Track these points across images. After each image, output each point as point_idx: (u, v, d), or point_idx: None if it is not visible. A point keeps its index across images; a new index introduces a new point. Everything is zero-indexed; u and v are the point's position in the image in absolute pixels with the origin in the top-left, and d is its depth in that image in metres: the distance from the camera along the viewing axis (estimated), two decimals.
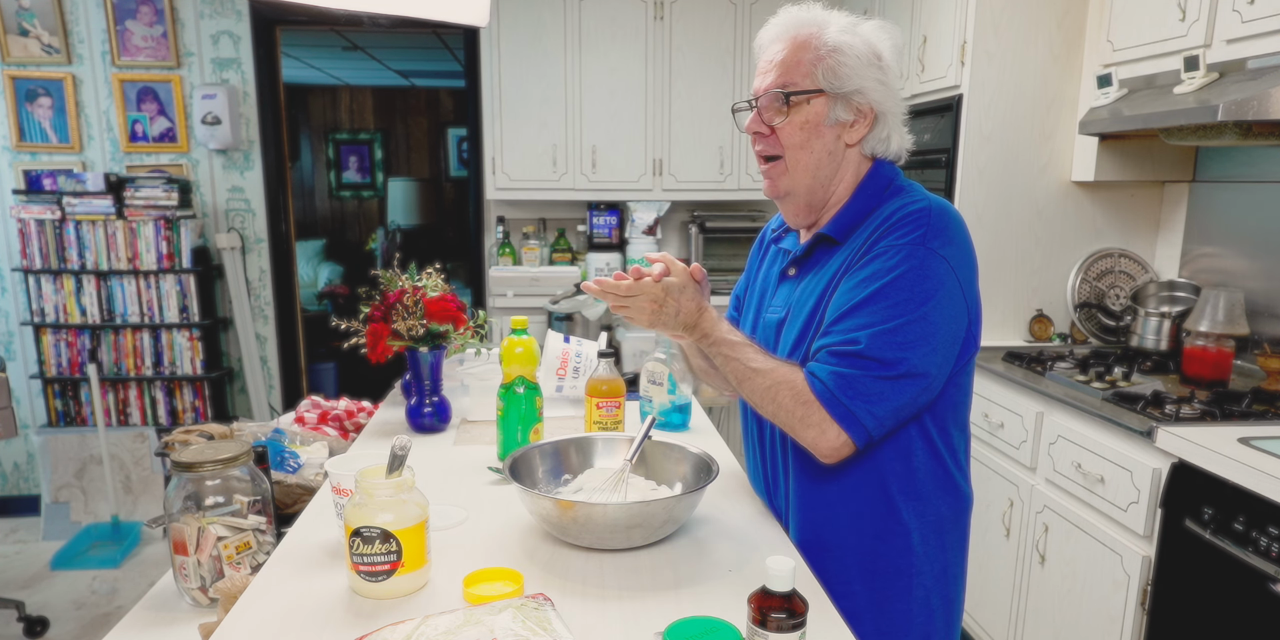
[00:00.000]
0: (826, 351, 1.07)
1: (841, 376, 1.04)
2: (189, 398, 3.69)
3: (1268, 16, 1.79)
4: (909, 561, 1.16)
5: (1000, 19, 2.51)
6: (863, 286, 1.07)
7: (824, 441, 1.06)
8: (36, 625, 2.76)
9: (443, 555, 1.07)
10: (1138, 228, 2.65)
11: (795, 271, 1.23)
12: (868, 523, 1.15)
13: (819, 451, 1.07)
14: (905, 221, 1.09)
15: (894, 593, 1.16)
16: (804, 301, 1.17)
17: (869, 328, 1.05)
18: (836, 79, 1.12)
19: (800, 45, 1.13)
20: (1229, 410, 1.80)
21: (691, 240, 3.89)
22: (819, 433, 1.06)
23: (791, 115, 1.14)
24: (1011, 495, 2.26)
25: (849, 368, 1.05)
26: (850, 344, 1.05)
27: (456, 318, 1.64)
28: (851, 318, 1.07)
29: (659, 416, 1.66)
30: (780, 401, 1.07)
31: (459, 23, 1.64)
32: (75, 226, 3.45)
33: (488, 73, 3.55)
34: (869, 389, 1.04)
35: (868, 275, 1.07)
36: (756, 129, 1.18)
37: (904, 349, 1.04)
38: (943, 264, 1.06)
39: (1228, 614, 1.54)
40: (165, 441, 1.58)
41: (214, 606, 1.22)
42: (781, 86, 1.13)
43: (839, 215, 1.18)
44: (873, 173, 1.19)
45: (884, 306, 1.05)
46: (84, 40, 3.59)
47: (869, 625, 1.15)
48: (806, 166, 1.16)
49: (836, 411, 1.05)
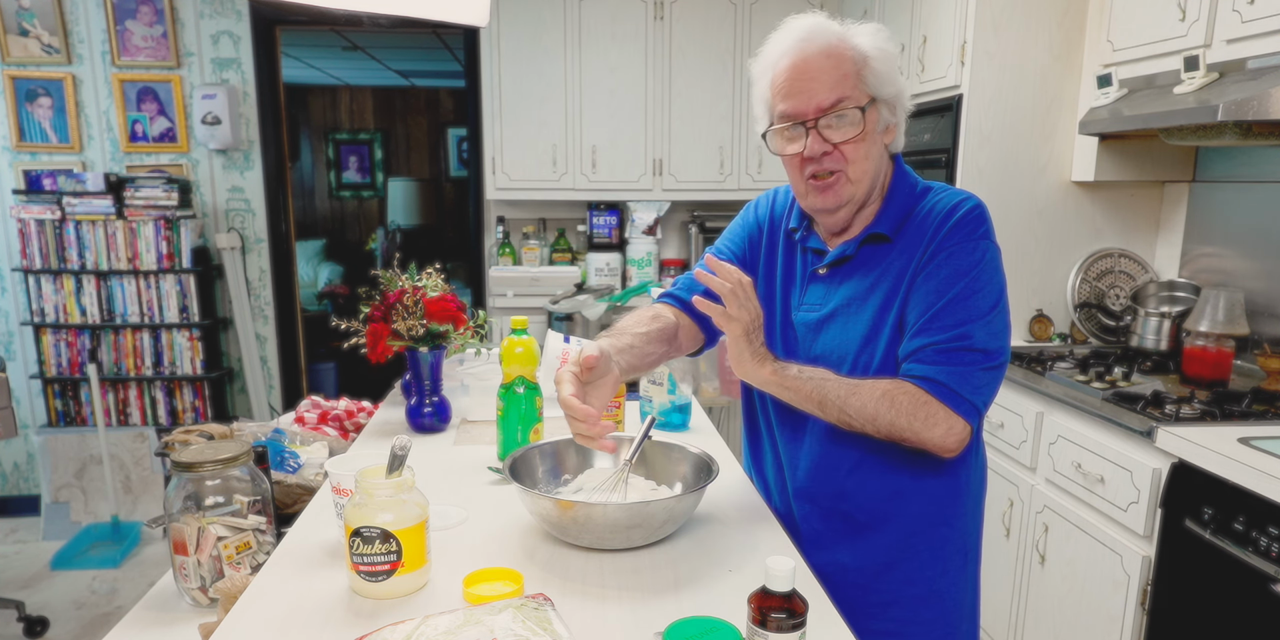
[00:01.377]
0: (933, 350, 1.09)
1: (957, 374, 1.08)
2: (189, 398, 3.69)
3: (1268, 16, 1.79)
4: (951, 519, 1.23)
5: (1000, 19, 2.51)
6: (951, 283, 1.10)
7: (952, 436, 1.09)
8: (36, 625, 2.76)
9: (443, 555, 1.07)
10: (1138, 228, 2.65)
11: (827, 271, 1.22)
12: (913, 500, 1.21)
13: (947, 447, 1.10)
14: (969, 220, 1.13)
15: (942, 549, 1.22)
16: (861, 297, 1.17)
17: (970, 322, 1.09)
18: (881, 85, 1.14)
19: (838, 57, 1.12)
20: (1229, 410, 1.80)
21: (691, 240, 3.89)
22: (947, 429, 1.08)
23: (858, 130, 1.13)
24: (1011, 495, 2.26)
25: (962, 363, 1.08)
26: (960, 339, 1.08)
27: (456, 318, 1.64)
28: (950, 314, 1.09)
29: (659, 416, 1.66)
30: (899, 407, 1.08)
31: (459, 23, 1.64)
32: (75, 226, 3.45)
33: (488, 72, 3.55)
34: (980, 381, 1.09)
35: (950, 273, 1.10)
36: (822, 150, 1.13)
37: (999, 338, 1.11)
38: (999, 253, 1.14)
39: (1228, 614, 1.54)
40: (165, 441, 1.58)
41: (214, 606, 1.22)
42: (838, 101, 1.11)
43: (884, 214, 1.18)
44: (898, 170, 1.22)
45: (975, 301, 1.09)
46: (84, 40, 3.59)
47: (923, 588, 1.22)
48: (867, 174, 1.16)
49: (961, 407, 1.08)
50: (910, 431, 1.09)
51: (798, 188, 1.21)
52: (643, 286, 3.60)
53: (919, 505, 1.20)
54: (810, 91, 1.11)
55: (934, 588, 1.22)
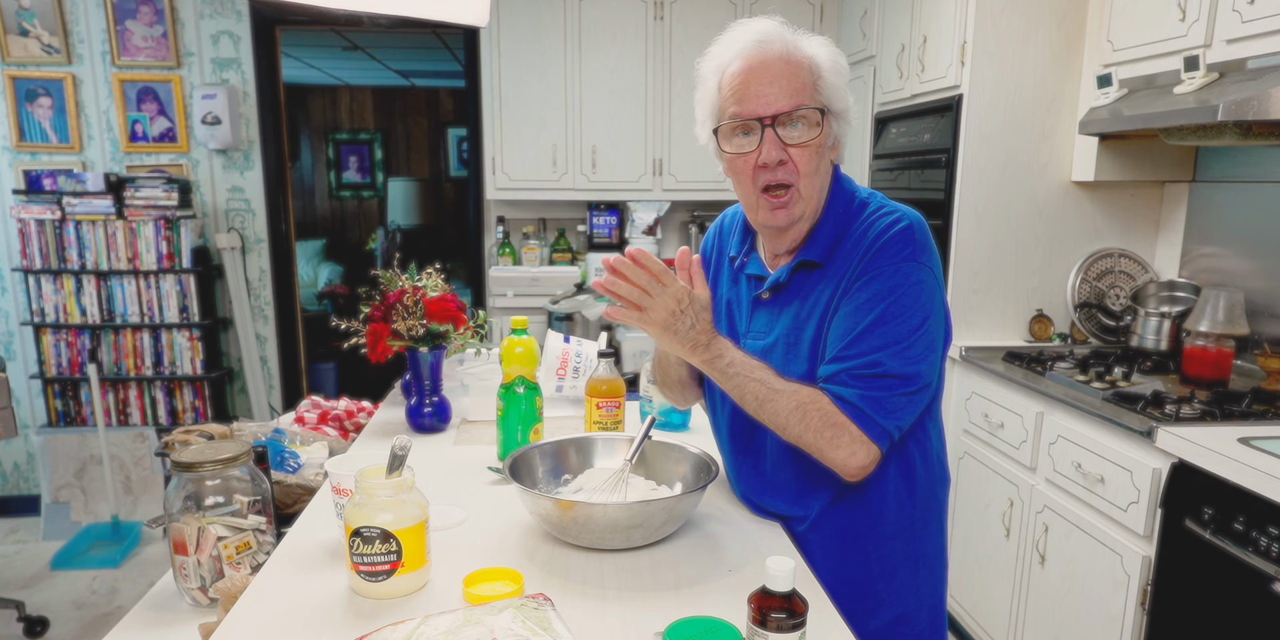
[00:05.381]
0: (847, 374, 1.07)
1: (872, 398, 1.06)
2: (189, 398, 3.69)
3: (1268, 16, 1.79)
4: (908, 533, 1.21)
5: (1000, 19, 2.51)
6: (868, 308, 1.08)
7: (854, 461, 1.07)
8: (36, 625, 2.76)
9: (443, 555, 1.07)
10: (1138, 228, 2.65)
11: (769, 296, 1.20)
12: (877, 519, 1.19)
13: (848, 471, 1.08)
14: (895, 241, 1.09)
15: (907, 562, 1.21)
16: (798, 327, 1.16)
17: (885, 348, 1.06)
18: (833, 97, 1.11)
19: (796, 64, 1.08)
20: (1229, 410, 1.80)
21: (691, 240, 3.90)
22: (849, 453, 1.06)
23: (814, 136, 1.10)
24: (1011, 495, 2.26)
25: (876, 389, 1.06)
26: (873, 366, 1.06)
27: (456, 318, 1.64)
28: (865, 340, 1.07)
29: (659, 416, 1.66)
30: (808, 423, 1.06)
31: (459, 23, 1.65)
32: (75, 226, 3.45)
33: (488, 73, 3.55)
34: (895, 406, 1.07)
35: (870, 297, 1.08)
36: (779, 157, 1.09)
37: (917, 363, 1.07)
38: (930, 275, 1.10)
39: (1228, 614, 1.54)
40: (165, 441, 1.58)
41: (214, 606, 1.22)
42: (796, 108, 1.07)
43: (815, 237, 1.15)
44: (835, 184, 1.18)
45: (892, 326, 1.07)
46: (84, 40, 3.59)
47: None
48: (815, 190, 1.14)
49: (872, 431, 1.06)
50: (815, 449, 1.08)
51: (748, 201, 1.17)
52: None
53: (854, 519, 1.18)
54: (769, 96, 1.08)
55: (882, 597, 1.19)
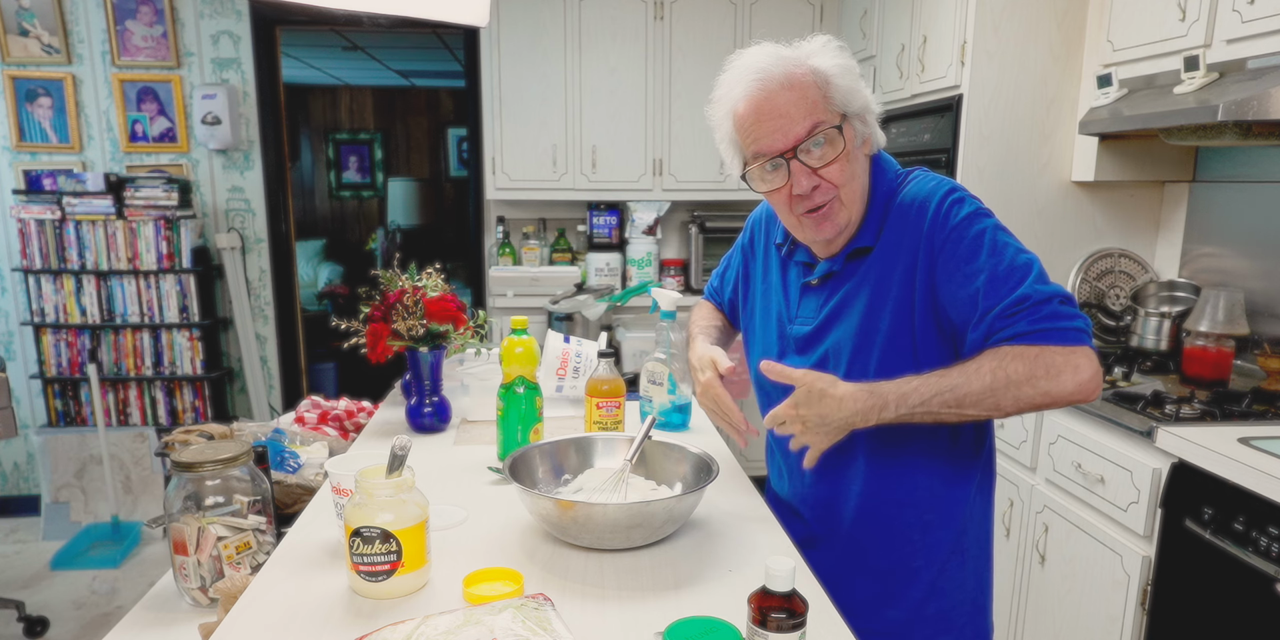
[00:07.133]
0: (1000, 319, 1.03)
1: (1044, 317, 1.01)
2: (189, 398, 3.69)
3: (1268, 16, 1.79)
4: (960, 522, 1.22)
5: (1000, 19, 2.51)
6: (971, 269, 1.07)
7: (1082, 374, 0.99)
8: (36, 625, 2.76)
9: (443, 555, 1.07)
10: (1138, 228, 2.65)
11: (819, 283, 1.22)
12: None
13: (1084, 388, 1.00)
14: (947, 207, 1.10)
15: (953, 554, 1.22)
16: (852, 306, 1.16)
17: (1017, 287, 1.03)
18: (848, 100, 1.12)
19: (800, 86, 1.09)
20: (1229, 410, 1.80)
21: (691, 240, 3.89)
22: (1071, 370, 0.99)
23: (839, 150, 1.11)
24: (1011, 495, 2.26)
25: (1039, 312, 1.02)
26: (1020, 302, 1.02)
27: (456, 318, 1.64)
28: (995, 293, 1.04)
29: (659, 416, 1.66)
30: (1013, 378, 0.99)
31: (459, 23, 1.65)
32: (75, 226, 3.45)
33: (488, 73, 3.55)
34: (1067, 312, 1.02)
35: (963, 258, 1.07)
36: (812, 184, 1.10)
37: (1049, 283, 1.06)
38: (994, 215, 1.12)
39: (1228, 614, 1.54)
40: (165, 441, 1.58)
41: (214, 606, 1.22)
42: (813, 128, 1.09)
43: (868, 225, 1.17)
44: (875, 170, 1.19)
45: (1005, 271, 1.05)
46: (84, 40, 3.59)
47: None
48: (857, 193, 1.15)
49: (1069, 338, 1.00)
50: (1041, 394, 0.99)
51: (789, 222, 1.19)
52: (642, 286, 3.60)
53: (921, 513, 1.20)
54: (782, 129, 1.09)
55: (934, 586, 1.22)
